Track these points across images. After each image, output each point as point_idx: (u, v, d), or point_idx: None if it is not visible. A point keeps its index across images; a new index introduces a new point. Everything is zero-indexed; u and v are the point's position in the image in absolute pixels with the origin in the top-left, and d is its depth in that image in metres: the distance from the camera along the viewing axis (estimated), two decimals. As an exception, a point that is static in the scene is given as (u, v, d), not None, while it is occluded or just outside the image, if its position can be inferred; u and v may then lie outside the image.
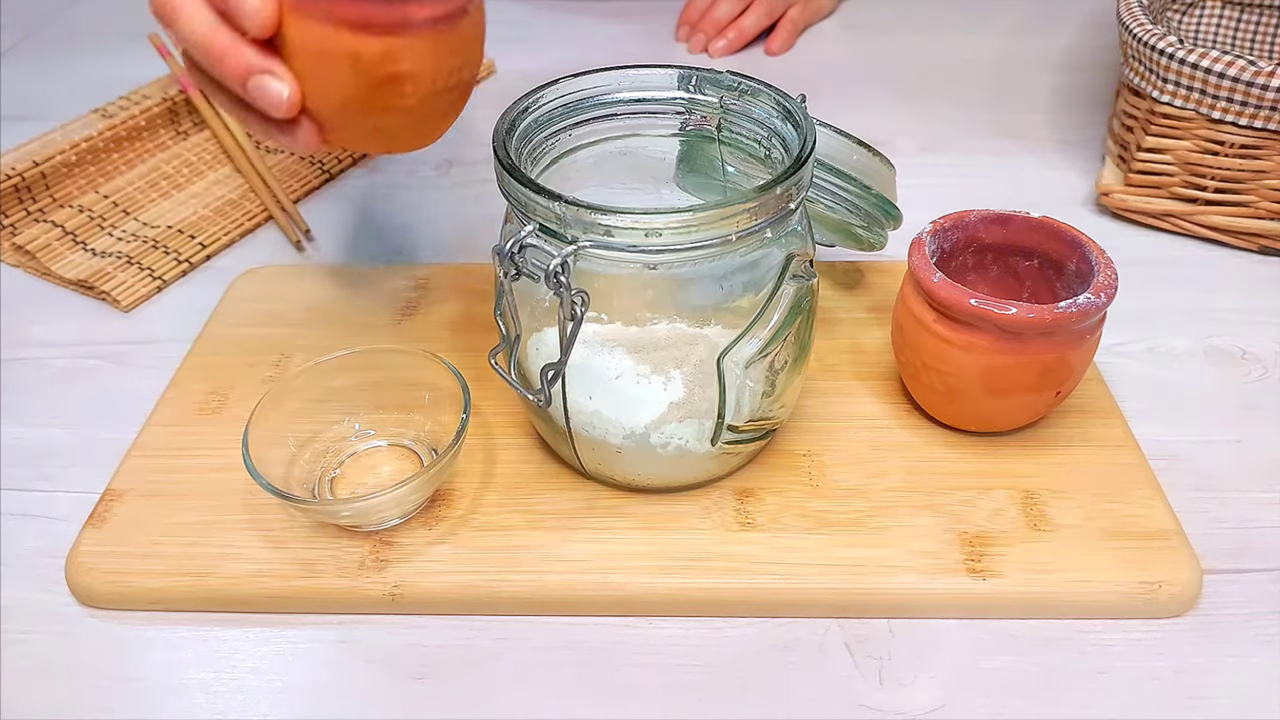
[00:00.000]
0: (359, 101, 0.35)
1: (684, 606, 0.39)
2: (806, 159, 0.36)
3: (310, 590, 0.39)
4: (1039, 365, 0.40)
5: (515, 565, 0.40)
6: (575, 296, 0.34)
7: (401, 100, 0.35)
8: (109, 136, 0.65)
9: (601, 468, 0.42)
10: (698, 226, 0.33)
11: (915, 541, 0.40)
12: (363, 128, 0.36)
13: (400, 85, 0.34)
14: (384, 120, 0.36)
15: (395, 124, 0.36)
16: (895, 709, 0.36)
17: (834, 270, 0.55)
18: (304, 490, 0.42)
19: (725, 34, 0.82)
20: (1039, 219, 0.44)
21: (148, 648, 0.39)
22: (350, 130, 0.36)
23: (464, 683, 0.38)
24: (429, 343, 0.51)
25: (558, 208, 0.34)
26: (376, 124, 0.36)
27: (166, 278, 0.58)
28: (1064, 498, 0.42)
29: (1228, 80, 0.52)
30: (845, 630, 0.39)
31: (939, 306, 0.41)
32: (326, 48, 0.34)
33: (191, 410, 0.47)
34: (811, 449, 0.44)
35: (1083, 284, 0.42)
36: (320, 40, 0.34)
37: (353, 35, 0.33)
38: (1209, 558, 0.40)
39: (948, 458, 0.44)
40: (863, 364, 0.49)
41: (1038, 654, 0.38)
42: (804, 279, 0.38)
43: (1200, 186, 0.57)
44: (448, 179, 0.68)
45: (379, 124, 0.36)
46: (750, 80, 0.40)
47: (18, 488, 0.46)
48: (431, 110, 0.37)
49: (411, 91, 0.35)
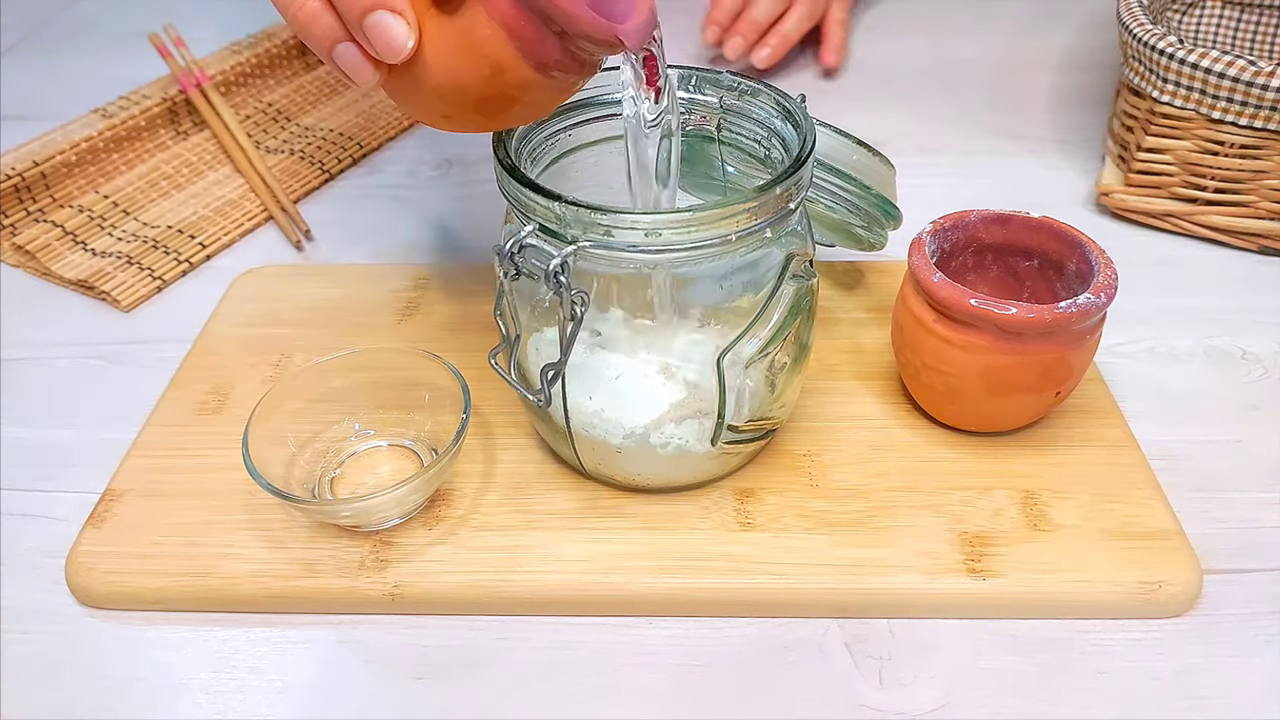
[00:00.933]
0: (465, 97, 0.34)
1: (684, 607, 0.39)
2: (806, 159, 0.36)
3: (310, 590, 0.39)
4: (1039, 365, 0.40)
5: (515, 565, 0.40)
6: (575, 296, 0.34)
7: (497, 112, 0.35)
8: (109, 136, 0.65)
9: (601, 468, 0.41)
10: (698, 226, 0.33)
11: (915, 541, 0.40)
12: (441, 109, 0.35)
13: (511, 106, 0.34)
14: (466, 116, 0.35)
15: (471, 122, 0.35)
16: (895, 709, 0.36)
17: (834, 270, 0.55)
18: (304, 490, 0.42)
19: (768, 41, 0.73)
20: (1039, 219, 0.44)
21: (148, 648, 0.39)
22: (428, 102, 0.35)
23: (464, 683, 0.37)
24: (429, 343, 0.51)
25: (558, 208, 0.34)
26: (459, 115, 0.35)
27: (167, 278, 0.58)
28: (1064, 498, 0.42)
29: (1228, 80, 0.52)
30: (845, 630, 0.39)
31: (939, 306, 0.41)
32: (483, 48, 0.32)
33: (192, 410, 0.47)
34: (811, 449, 0.44)
35: (1083, 284, 0.42)
36: (482, 40, 0.32)
37: (514, 54, 0.32)
38: (1209, 558, 0.40)
39: (948, 458, 0.44)
40: (863, 364, 0.49)
41: (1038, 654, 0.38)
42: (804, 279, 0.38)
43: (1200, 186, 0.57)
44: (448, 179, 0.68)
45: (460, 116, 0.35)
46: (750, 80, 0.40)
47: (18, 488, 0.46)
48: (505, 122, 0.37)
49: (516, 114, 0.35)
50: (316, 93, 0.76)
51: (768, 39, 0.73)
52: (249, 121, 0.71)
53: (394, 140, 0.72)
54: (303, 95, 0.75)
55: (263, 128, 0.71)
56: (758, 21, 0.73)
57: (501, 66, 0.33)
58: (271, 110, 0.73)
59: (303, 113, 0.74)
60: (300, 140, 0.70)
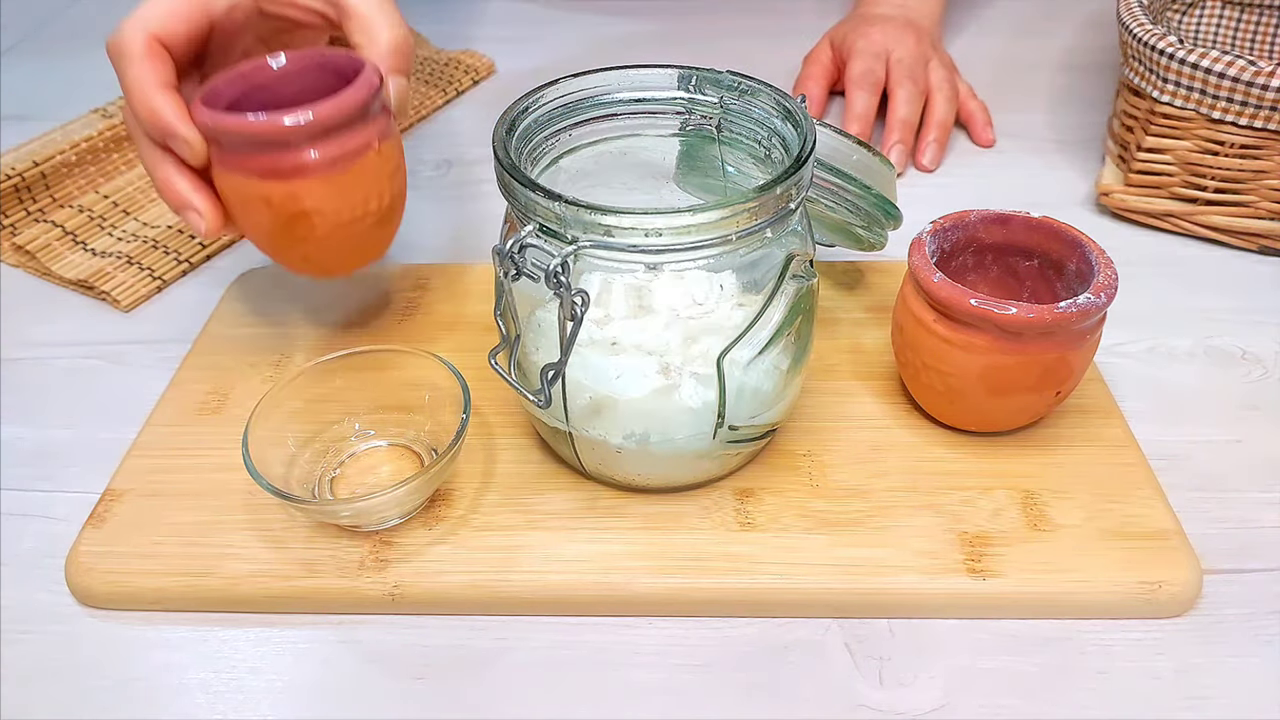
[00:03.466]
0: (278, 233, 0.41)
1: (684, 607, 0.39)
2: (807, 159, 0.36)
3: (310, 590, 0.39)
4: (1039, 365, 0.40)
5: (515, 565, 0.40)
6: (575, 296, 0.34)
7: (312, 232, 0.41)
8: (109, 136, 0.65)
9: (601, 468, 0.41)
10: (698, 227, 0.33)
11: (915, 541, 0.40)
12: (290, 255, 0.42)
13: (309, 219, 0.41)
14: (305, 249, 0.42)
15: (315, 252, 0.42)
16: (895, 709, 0.36)
17: (834, 270, 0.55)
18: (304, 490, 0.42)
19: (926, 139, 0.67)
20: (1039, 219, 0.44)
21: (147, 648, 0.39)
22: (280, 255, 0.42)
23: (464, 683, 0.37)
24: (429, 343, 0.50)
25: (558, 208, 0.34)
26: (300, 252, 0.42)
27: (167, 278, 0.58)
28: (1064, 498, 0.42)
29: (1228, 80, 0.52)
30: (845, 630, 0.39)
31: (939, 306, 0.41)
32: (244, 192, 0.41)
33: (192, 410, 0.47)
34: (811, 449, 0.44)
35: (1083, 284, 0.41)
36: (239, 186, 0.41)
37: (261, 181, 0.40)
38: (1209, 558, 0.40)
39: (948, 458, 0.44)
40: (862, 364, 0.49)
41: (1038, 654, 0.38)
42: (804, 279, 0.38)
43: (1200, 186, 0.57)
44: (447, 179, 0.68)
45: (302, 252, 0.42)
46: (750, 80, 0.40)
47: (17, 487, 0.46)
48: (348, 237, 0.42)
49: (320, 224, 0.41)
50: (316, 93, 0.75)
51: (925, 136, 0.67)
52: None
53: (394, 140, 0.72)
54: (303, 95, 0.75)
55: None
56: (909, 121, 0.67)
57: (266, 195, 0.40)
58: (271, 110, 0.73)
59: (303, 113, 0.73)
60: (300, 140, 0.70)
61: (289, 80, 0.44)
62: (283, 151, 0.39)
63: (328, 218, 0.41)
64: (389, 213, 0.44)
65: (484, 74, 0.80)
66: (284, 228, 0.41)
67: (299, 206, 0.40)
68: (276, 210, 0.40)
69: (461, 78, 0.79)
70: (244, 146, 0.40)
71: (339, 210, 0.41)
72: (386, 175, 0.43)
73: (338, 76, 0.42)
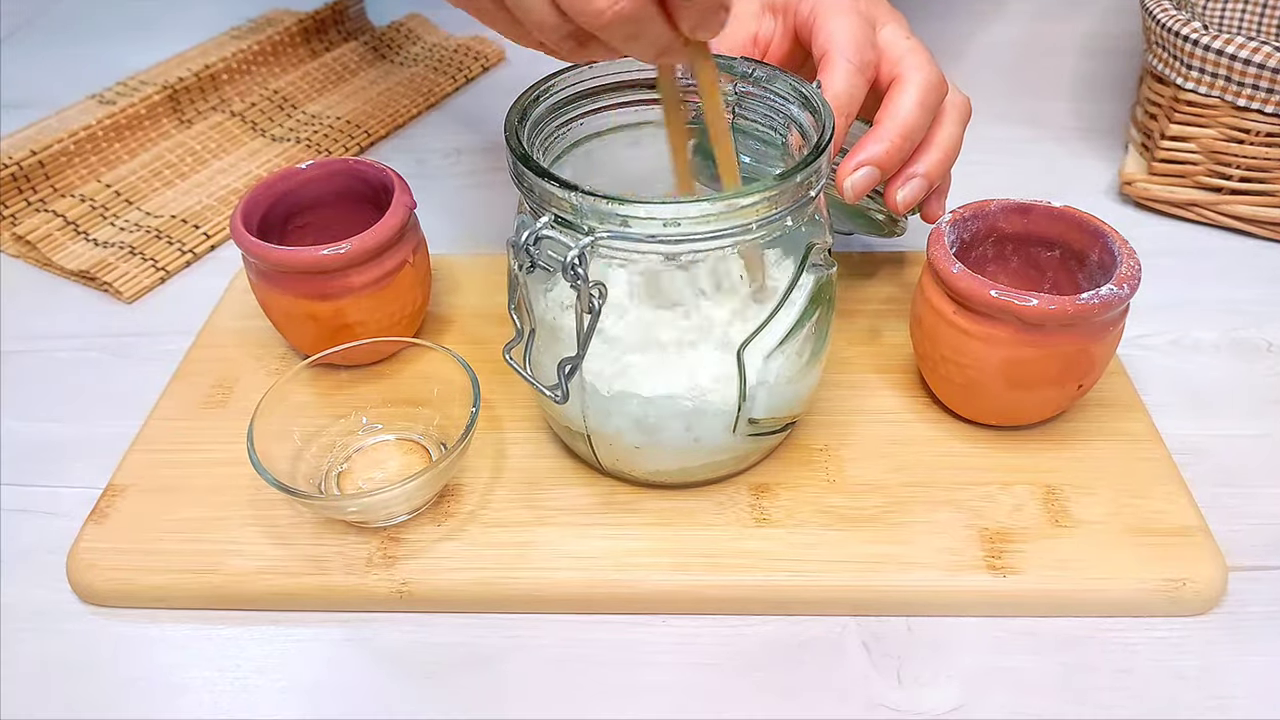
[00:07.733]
0: (322, 339, 0.45)
1: (697, 604, 0.39)
2: (825, 146, 0.35)
3: (316, 587, 0.39)
4: (1060, 358, 0.40)
5: (525, 562, 0.39)
6: (593, 289, 0.33)
7: (353, 336, 0.45)
8: (108, 125, 0.64)
9: (619, 463, 0.41)
10: (717, 216, 0.33)
11: (934, 538, 0.39)
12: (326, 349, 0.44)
13: (351, 330, 0.45)
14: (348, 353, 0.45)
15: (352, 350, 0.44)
16: (914, 709, 0.35)
17: (851, 261, 0.54)
18: (310, 485, 0.41)
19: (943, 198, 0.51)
20: (1060, 209, 0.43)
21: (150, 646, 0.39)
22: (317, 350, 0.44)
23: (473, 682, 0.37)
24: (437, 335, 0.50)
25: (574, 198, 0.33)
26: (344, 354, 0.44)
27: (170, 268, 0.58)
28: (1086, 493, 0.41)
29: (1253, 67, 0.51)
30: (862, 628, 0.38)
31: (958, 298, 0.40)
32: (292, 311, 0.45)
33: (195, 404, 0.47)
34: (828, 443, 0.44)
35: (1105, 275, 0.41)
36: (287, 306, 0.45)
37: (309, 302, 0.44)
38: (1234, 554, 0.40)
39: (967, 452, 0.43)
40: (880, 356, 0.48)
41: (1059, 653, 0.37)
42: (823, 268, 0.38)
43: (1225, 175, 0.56)
44: (458, 167, 0.67)
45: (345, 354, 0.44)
46: (766, 67, 0.39)
47: (18, 483, 0.45)
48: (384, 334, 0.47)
49: (361, 331, 0.45)
50: (322, 80, 0.75)
51: None
52: (254, 109, 0.70)
53: (401, 129, 0.71)
54: (308, 82, 0.74)
55: (268, 115, 0.70)
56: None
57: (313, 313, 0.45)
58: (277, 98, 0.72)
59: (309, 100, 0.73)
60: (306, 128, 0.69)
61: (316, 184, 0.49)
62: (329, 277, 0.44)
63: (369, 326, 0.46)
64: (421, 308, 0.49)
65: (494, 61, 0.79)
66: (328, 336, 0.45)
67: (343, 320, 0.45)
68: (322, 324, 0.45)
69: (471, 64, 0.78)
70: (292, 273, 0.44)
71: (379, 319, 0.46)
72: (419, 282, 0.48)
73: (364, 183, 0.48)
